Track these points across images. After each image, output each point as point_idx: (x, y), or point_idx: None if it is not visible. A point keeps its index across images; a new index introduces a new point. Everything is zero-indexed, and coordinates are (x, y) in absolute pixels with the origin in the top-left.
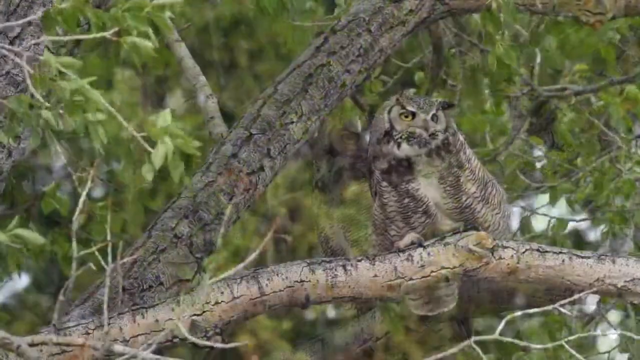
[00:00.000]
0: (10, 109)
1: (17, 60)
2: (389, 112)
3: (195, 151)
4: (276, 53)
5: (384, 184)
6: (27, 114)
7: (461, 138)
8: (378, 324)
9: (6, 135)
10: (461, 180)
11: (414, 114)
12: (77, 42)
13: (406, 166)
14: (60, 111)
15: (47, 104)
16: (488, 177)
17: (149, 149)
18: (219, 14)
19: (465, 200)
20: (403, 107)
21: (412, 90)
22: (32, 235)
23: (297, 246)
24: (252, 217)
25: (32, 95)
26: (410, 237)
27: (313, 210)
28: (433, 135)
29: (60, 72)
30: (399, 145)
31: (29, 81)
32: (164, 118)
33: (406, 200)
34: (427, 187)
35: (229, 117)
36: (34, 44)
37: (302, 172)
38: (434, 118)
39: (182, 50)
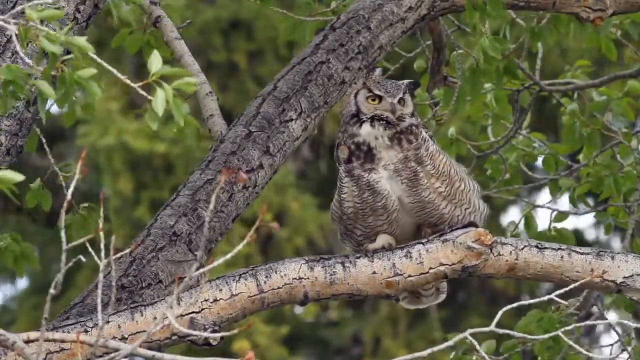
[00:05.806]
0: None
1: (6, 26)
2: (356, 95)
3: (195, 88)
4: (275, 54)
5: (345, 179)
6: (19, 85)
7: (424, 134)
8: None
9: None
10: (420, 176)
11: (380, 98)
12: None
13: (366, 151)
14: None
15: (36, 67)
16: (456, 173)
17: (149, 97)
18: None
19: (428, 196)
20: (370, 91)
21: (378, 72)
22: (10, 174)
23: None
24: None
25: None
26: (382, 239)
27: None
28: (400, 118)
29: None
30: (361, 125)
31: (16, 43)
32: (156, 61)
33: (366, 195)
34: (389, 180)
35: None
36: (20, 12)
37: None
38: (401, 102)
39: (181, 47)
